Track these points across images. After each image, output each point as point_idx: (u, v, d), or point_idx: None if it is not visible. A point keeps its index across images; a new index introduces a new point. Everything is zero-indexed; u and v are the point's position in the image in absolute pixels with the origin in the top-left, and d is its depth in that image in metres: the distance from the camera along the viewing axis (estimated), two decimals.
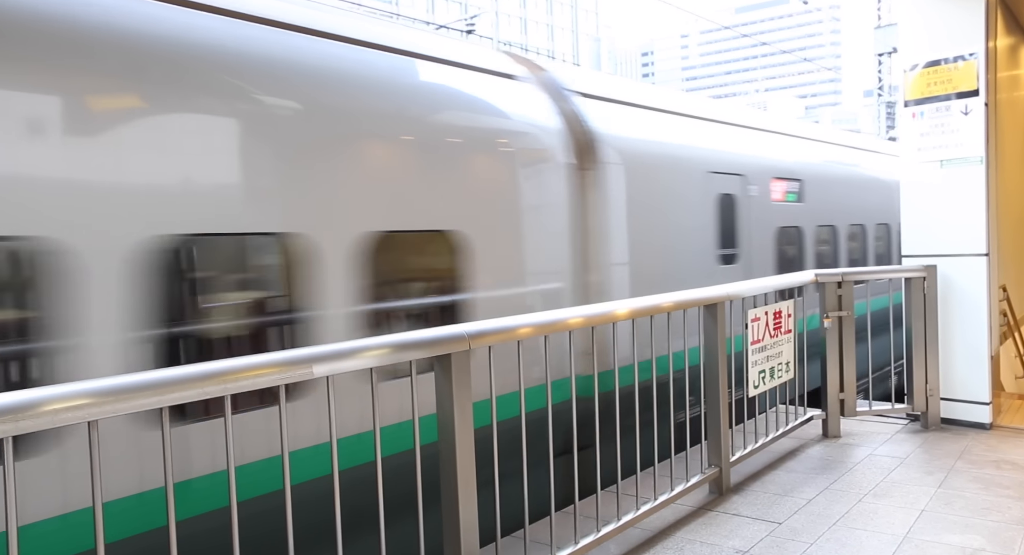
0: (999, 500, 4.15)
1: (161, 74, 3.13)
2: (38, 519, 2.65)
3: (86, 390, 1.83)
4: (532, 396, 3.33)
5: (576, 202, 5.18)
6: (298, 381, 2.29)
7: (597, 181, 5.35)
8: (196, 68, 3.26)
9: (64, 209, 2.80)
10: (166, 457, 2.01)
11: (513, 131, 4.81)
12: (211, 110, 3.26)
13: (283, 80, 3.60)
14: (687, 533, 3.83)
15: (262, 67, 3.54)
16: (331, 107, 3.74)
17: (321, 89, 3.74)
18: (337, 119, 3.76)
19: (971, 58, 5.51)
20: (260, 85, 3.49)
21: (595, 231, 5.32)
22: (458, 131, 4.42)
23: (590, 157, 5.32)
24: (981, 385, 5.60)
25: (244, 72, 3.45)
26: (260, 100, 3.47)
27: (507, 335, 3.01)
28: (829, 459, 5.01)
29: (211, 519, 2.98)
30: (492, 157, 4.62)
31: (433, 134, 4.25)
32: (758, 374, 4.70)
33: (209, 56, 3.34)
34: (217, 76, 3.33)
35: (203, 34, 3.38)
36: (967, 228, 5.58)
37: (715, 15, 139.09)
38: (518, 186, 4.78)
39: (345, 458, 2.70)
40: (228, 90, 3.35)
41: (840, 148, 9.92)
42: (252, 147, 3.39)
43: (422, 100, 4.29)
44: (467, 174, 4.41)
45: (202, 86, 3.25)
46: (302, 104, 3.62)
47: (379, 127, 3.98)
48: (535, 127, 4.98)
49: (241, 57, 3.48)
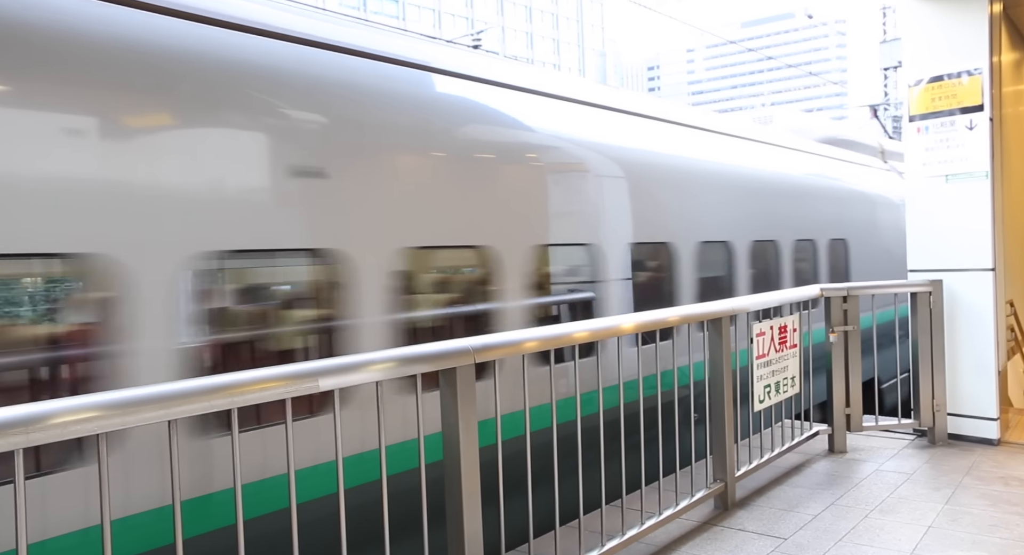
0: (1007, 517, 4.12)
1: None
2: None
3: (95, 403, 1.85)
4: (537, 415, 3.33)
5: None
6: (304, 394, 2.30)
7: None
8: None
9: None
10: (173, 470, 2.02)
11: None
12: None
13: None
14: (692, 548, 3.81)
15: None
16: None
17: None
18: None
19: (976, 73, 5.52)
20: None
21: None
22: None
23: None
24: (988, 400, 5.58)
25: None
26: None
27: (512, 349, 3.02)
28: (835, 474, 4.99)
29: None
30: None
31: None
32: (763, 388, 4.70)
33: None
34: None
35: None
36: (973, 243, 5.58)
37: (721, 30, 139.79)
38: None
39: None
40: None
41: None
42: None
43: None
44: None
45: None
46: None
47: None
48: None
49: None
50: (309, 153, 3.56)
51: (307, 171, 3.53)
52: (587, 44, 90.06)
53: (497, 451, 3.00)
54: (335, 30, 4.10)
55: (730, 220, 6.77)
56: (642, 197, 5.70)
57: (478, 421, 2.82)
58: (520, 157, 4.78)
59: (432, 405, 2.80)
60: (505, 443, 3.06)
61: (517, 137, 4.84)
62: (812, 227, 8.15)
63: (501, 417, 3.02)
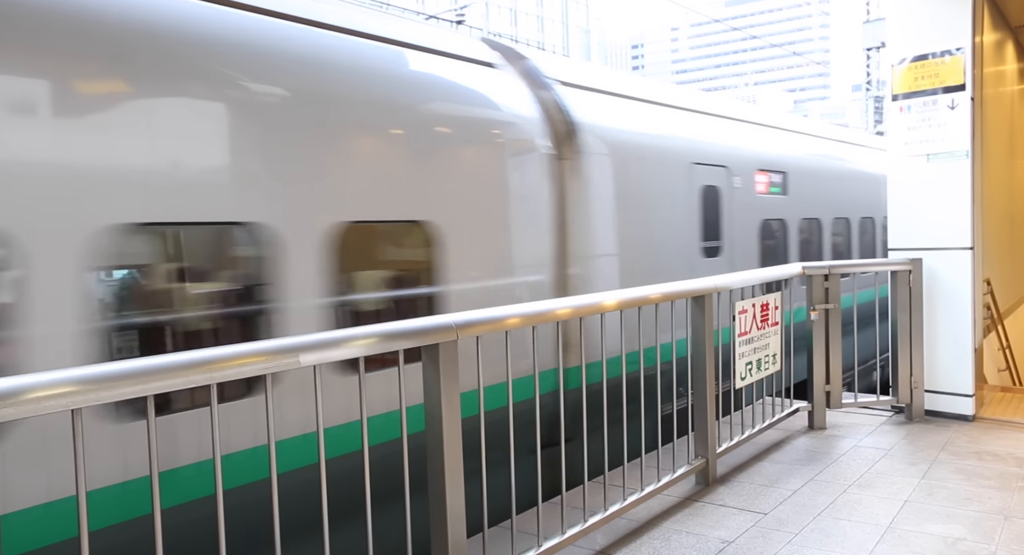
0: (981, 491, 4.20)
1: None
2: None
3: (69, 378, 1.82)
4: (519, 387, 3.33)
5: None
6: (284, 370, 2.27)
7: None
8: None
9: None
10: (151, 444, 2.00)
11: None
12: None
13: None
14: (673, 523, 3.85)
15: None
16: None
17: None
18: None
19: (958, 53, 5.53)
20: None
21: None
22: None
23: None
24: (965, 377, 5.66)
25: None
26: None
27: (495, 325, 3.00)
28: (814, 450, 5.05)
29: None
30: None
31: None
32: (745, 366, 4.72)
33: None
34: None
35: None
36: (952, 222, 5.62)
37: (705, 8, 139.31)
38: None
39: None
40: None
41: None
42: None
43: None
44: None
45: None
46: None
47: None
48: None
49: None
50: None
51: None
52: (571, 22, 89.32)
53: (479, 428, 3.00)
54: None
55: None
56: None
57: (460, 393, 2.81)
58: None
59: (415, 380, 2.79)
60: (487, 414, 3.06)
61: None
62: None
63: (484, 389, 3.01)
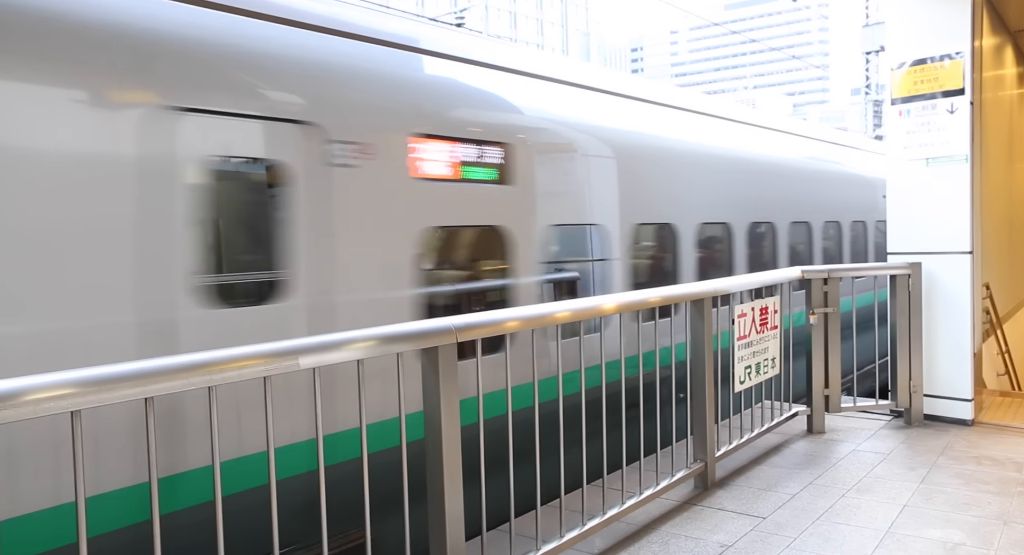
0: (979, 495, 4.19)
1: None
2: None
3: (69, 380, 1.81)
4: (518, 394, 3.33)
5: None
6: (282, 373, 2.27)
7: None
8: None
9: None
10: (150, 447, 1.99)
11: None
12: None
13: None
14: (672, 527, 3.84)
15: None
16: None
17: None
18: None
19: (957, 57, 5.54)
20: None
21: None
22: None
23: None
24: (964, 382, 5.65)
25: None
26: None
27: (494, 328, 3.00)
28: (813, 454, 5.04)
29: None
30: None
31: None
32: (744, 370, 4.72)
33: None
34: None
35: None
36: (952, 226, 5.62)
37: (705, 11, 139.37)
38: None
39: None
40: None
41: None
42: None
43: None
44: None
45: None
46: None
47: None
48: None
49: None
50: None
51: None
52: (571, 24, 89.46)
53: (479, 431, 2.99)
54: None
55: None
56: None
57: (459, 400, 2.81)
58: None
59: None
60: (487, 421, 3.05)
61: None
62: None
63: (483, 396, 3.01)
